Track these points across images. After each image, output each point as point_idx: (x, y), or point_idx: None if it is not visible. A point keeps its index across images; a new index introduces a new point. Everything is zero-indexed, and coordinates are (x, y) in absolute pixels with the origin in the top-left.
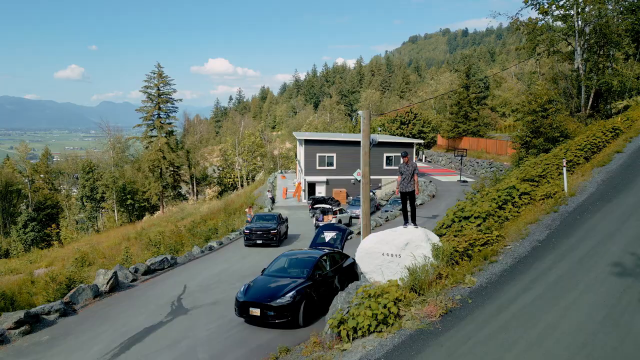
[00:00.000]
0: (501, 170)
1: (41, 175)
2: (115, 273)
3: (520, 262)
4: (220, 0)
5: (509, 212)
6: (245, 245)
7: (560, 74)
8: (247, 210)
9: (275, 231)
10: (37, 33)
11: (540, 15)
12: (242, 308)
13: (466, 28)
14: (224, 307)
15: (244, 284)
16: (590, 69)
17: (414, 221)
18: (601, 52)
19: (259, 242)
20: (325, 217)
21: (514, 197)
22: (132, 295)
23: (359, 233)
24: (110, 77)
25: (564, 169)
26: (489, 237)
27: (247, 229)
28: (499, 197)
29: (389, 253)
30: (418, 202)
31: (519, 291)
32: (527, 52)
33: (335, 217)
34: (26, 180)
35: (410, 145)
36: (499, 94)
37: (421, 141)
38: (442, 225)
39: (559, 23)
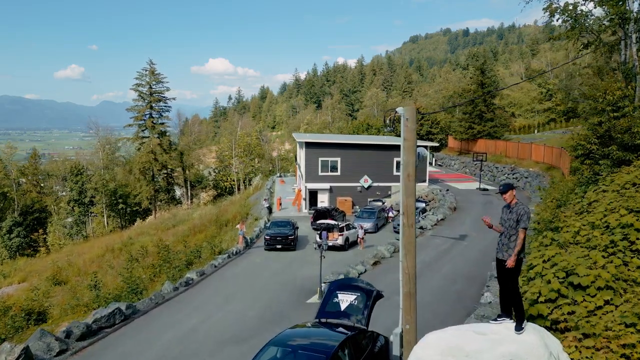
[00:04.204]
0: (526, 178)
1: (29, 177)
2: (25, 350)
3: None
4: (221, 0)
5: (636, 269)
6: (266, 250)
7: (607, 68)
8: (238, 226)
9: (293, 237)
10: (37, 33)
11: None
12: None
13: (467, 28)
14: None
15: None
16: None
17: (519, 314)
18: None
19: (279, 246)
20: (330, 234)
21: (633, 242)
22: None
23: (375, 263)
24: (110, 77)
25: None
26: None
27: (267, 235)
28: (613, 243)
29: None
30: (439, 216)
31: None
32: (572, 41)
33: (342, 235)
34: (15, 182)
35: (424, 148)
36: (508, 93)
37: (436, 144)
38: (537, 298)
39: (599, 10)
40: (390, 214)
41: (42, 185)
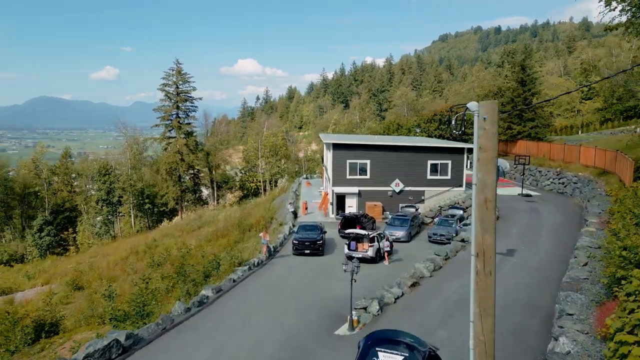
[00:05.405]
0: (575, 184)
1: (60, 177)
2: None
3: None
4: (250, 0)
5: None
6: (294, 254)
7: None
8: (261, 234)
9: (321, 241)
10: (74, 33)
11: None
12: None
13: (499, 26)
14: None
15: None
16: None
17: None
18: None
19: (307, 251)
20: (359, 245)
21: None
22: None
23: (413, 285)
24: (143, 78)
25: None
26: None
27: (295, 239)
28: None
29: None
30: None
31: None
32: (630, 34)
33: (372, 246)
34: (46, 182)
35: (460, 150)
36: (546, 92)
37: (471, 145)
38: None
39: None
40: (436, 220)
41: (73, 184)
